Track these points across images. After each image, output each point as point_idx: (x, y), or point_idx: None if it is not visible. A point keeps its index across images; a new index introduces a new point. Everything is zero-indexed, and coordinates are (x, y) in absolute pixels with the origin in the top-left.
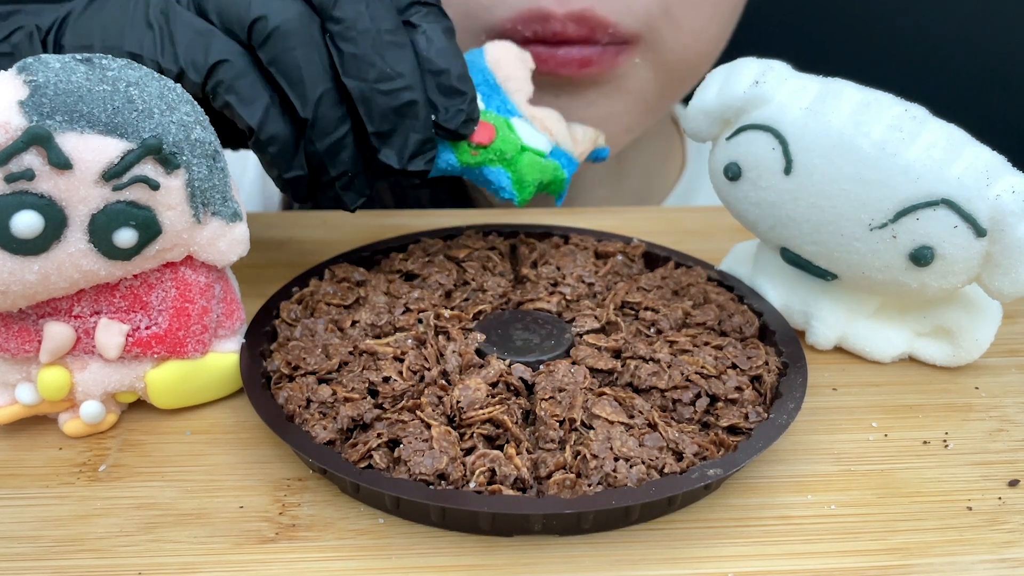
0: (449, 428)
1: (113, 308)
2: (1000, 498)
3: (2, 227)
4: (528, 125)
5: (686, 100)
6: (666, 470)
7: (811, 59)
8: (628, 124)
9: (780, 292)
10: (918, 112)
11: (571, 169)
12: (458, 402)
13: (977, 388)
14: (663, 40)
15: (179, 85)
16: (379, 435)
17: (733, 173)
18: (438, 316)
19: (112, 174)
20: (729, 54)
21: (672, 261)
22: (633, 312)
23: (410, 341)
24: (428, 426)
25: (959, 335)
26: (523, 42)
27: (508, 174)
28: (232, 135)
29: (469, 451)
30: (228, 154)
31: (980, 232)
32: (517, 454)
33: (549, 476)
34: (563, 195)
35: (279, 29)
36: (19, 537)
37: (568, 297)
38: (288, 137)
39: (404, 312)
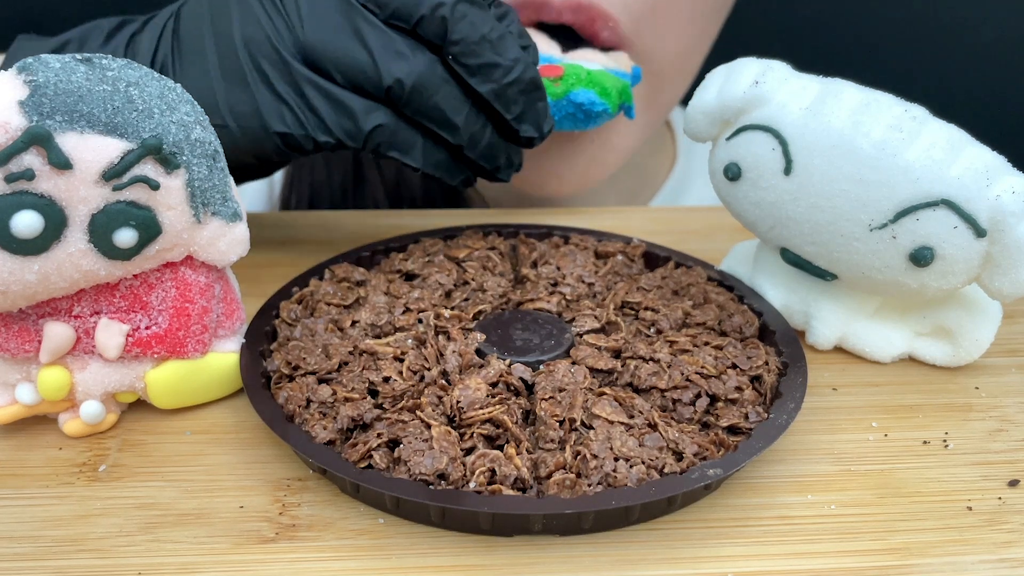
0: (449, 428)
1: (113, 308)
2: (1000, 498)
3: (2, 227)
4: (576, 62)
5: (684, 101)
6: (666, 470)
7: (811, 59)
8: (630, 146)
9: (780, 292)
10: (918, 112)
11: (629, 80)
12: (458, 402)
13: (977, 388)
14: (646, 43)
15: (179, 85)
16: (379, 435)
17: (733, 173)
18: (438, 316)
19: (112, 174)
20: (729, 54)
21: (672, 261)
22: (633, 312)
23: (410, 341)
24: (428, 426)
25: (959, 335)
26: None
27: (592, 91)
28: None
29: (469, 451)
30: None
31: (980, 232)
32: (517, 454)
33: (549, 476)
34: (632, 107)
35: (416, 87)
36: (19, 537)
37: (568, 297)
38: (445, 159)
39: (404, 312)
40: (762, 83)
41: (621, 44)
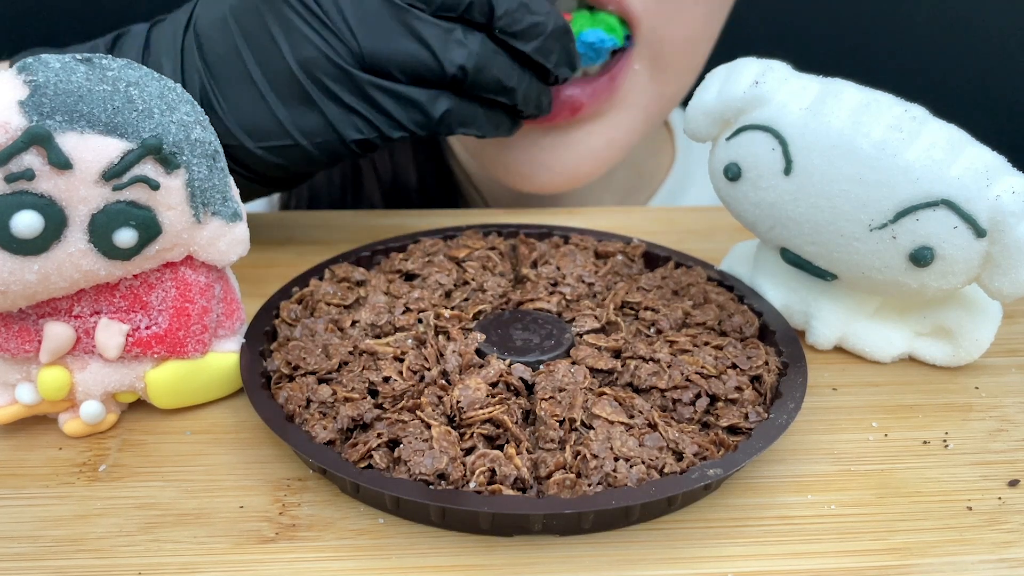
0: (449, 428)
1: (113, 308)
2: (1000, 498)
3: (2, 227)
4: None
5: (684, 100)
6: (666, 470)
7: (811, 59)
8: (630, 140)
9: (780, 292)
10: (918, 112)
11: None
12: (458, 402)
13: (977, 388)
14: (654, 22)
15: (179, 85)
16: (379, 435)
17: (733, 173)
18: (438, 316)
19: (112, 174)
20: (729, 54)
21: (672, 261)
22: (633, 312)
23: (410, 341)
24: (428, 426)
25: (959, 335)
26: None
27: (599, 29)
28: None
29: (469, 451)
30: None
31: (980, 233)
32: (517, 454)
33: (549, 476)
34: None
35: (476, 68)
36: (19, 537)
37: (568, 297)
38: (504, 120)
39: (404, 312)
40: (762, 83)
41: (628, 19)
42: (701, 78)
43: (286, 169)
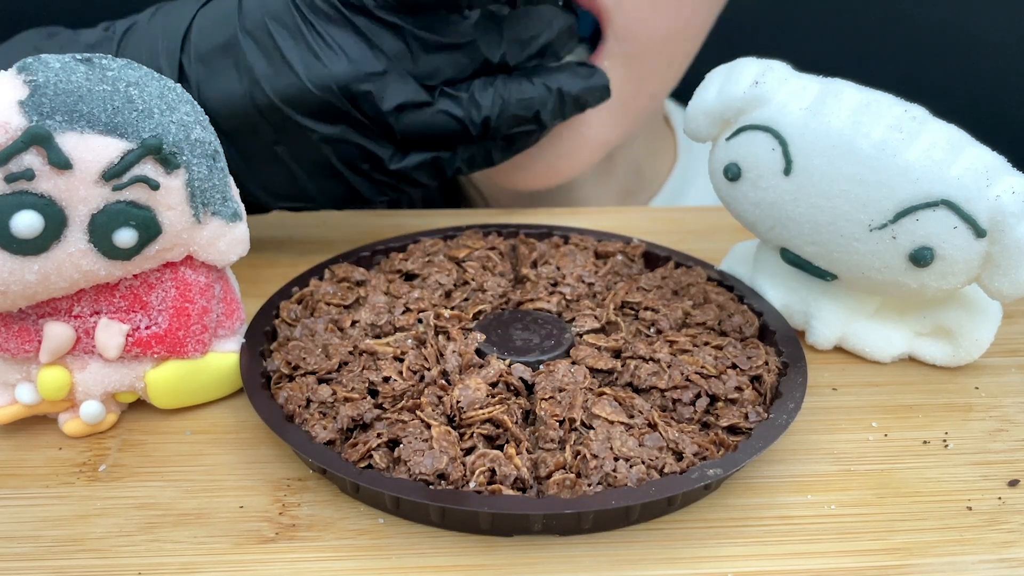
0: (449, 428)
1: (113, 308)
2: (1000, 498)
3: (2, 227)
4: None
5: (684, 100)
6: (666, 470)
7: (811, 59)
8: (607, 140)
9: (780, 292)
10: (918, 113)
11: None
12: (458, 402)
13: (977, 388)
14: (628, 16)
15: (179, 85)
16: (379, 435)
17: (733, 173)
18: (438, 316)
19: (112, 174)
20: (729, 54)
21: (672, 261)
22: (633, 312)
23: (410, 341)
24: (428, 426)
25: (959, 335)
26: None
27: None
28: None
29: (469, 451)
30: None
31: (980, 233)
32: (517, 454)
33: (549, 476)
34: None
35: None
36: (19, 537)
37: (568, 297)
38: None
39: (404, 312)
40: (762, 83)
41: (600, 14)
42: (693, 73)
43: (293, 209)
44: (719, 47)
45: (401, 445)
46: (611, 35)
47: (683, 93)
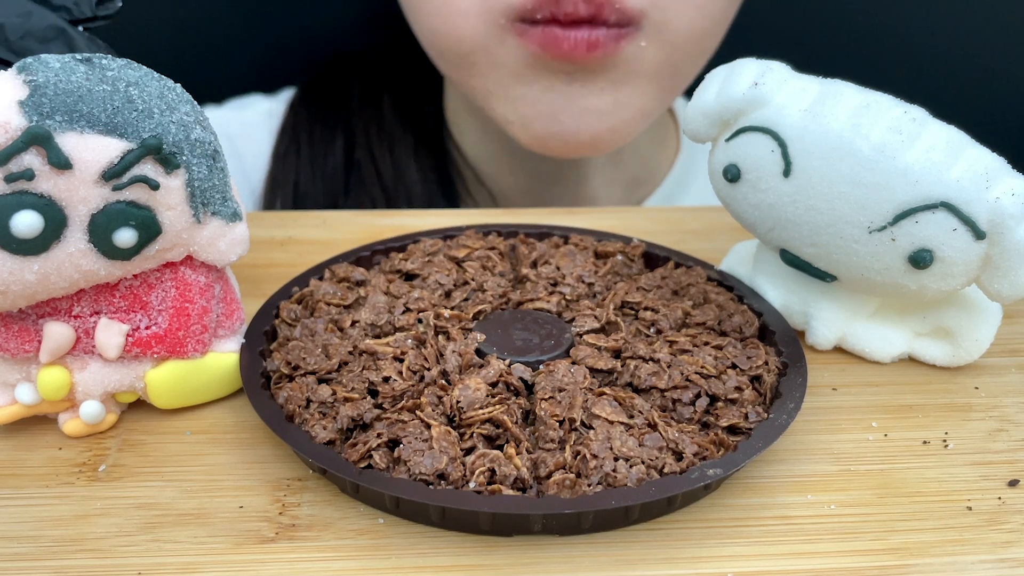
0: (449, 428)
1: (113, 308)
2: (1000, 498)
3: (2, 227)
4: None
5: (688, 93)
6: (666, 470)
7: (811, 59)
8: (643, 107)
9: (780, 292)
10: (918, 114)
11: None
12: (458, 402)
13: (977, 388)
14: (668, 19)
15: (179, 85)
16: (379, 435)
17: (732, 175)
18: (438, 316)
19: (112, 174)
20: (729, 54)
21: (672, 261)
22: (633, 312)
23: (410, 341)
24: (428, 426)
25: (959, 335)
26: (536, 24)
27: None
28: None
29: (469, 451)
30: (229, 155)
31: (979, 235)
32: (517, 454)
33: (549, 476)
34: None
35: None
36: (19, 537)
37: (568, 297)
38: None
39: (404, 312)
40: (761, 84)
41: (631, 20)
42: (710, 66)
43: None
44: (719, 47)
45: (401, 445)
46: (647, 26)
47: (685, 90)
